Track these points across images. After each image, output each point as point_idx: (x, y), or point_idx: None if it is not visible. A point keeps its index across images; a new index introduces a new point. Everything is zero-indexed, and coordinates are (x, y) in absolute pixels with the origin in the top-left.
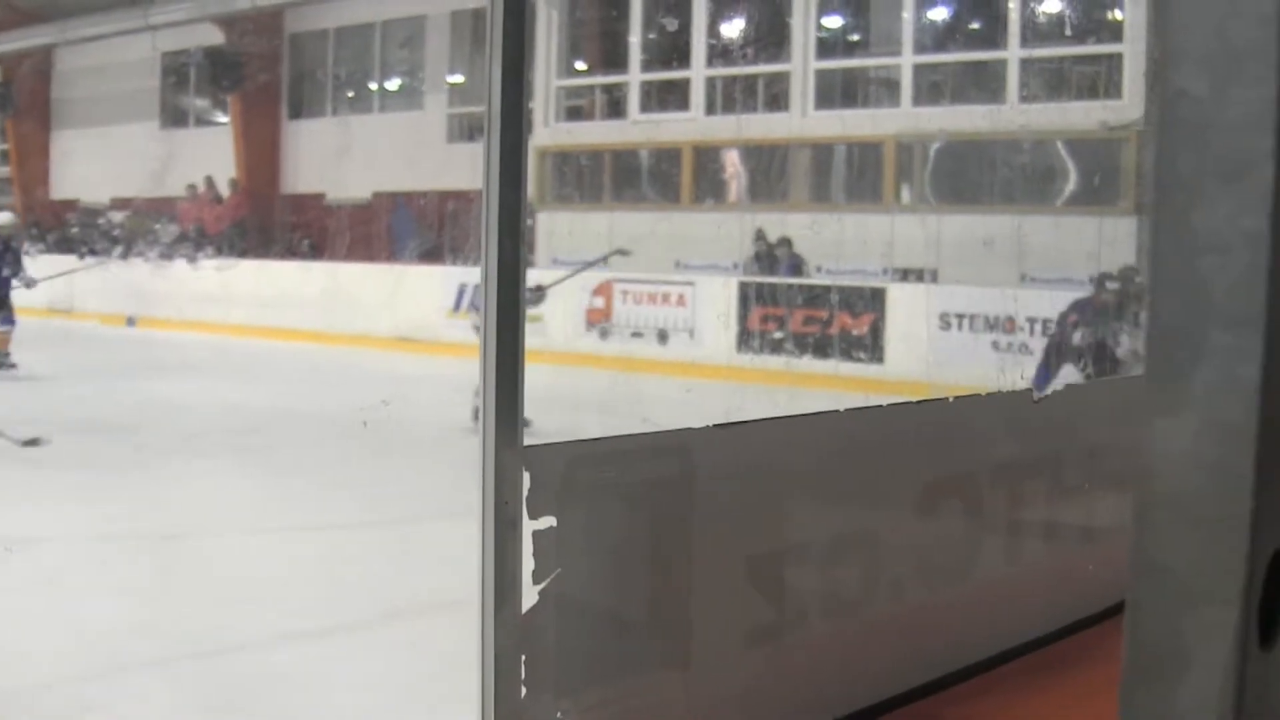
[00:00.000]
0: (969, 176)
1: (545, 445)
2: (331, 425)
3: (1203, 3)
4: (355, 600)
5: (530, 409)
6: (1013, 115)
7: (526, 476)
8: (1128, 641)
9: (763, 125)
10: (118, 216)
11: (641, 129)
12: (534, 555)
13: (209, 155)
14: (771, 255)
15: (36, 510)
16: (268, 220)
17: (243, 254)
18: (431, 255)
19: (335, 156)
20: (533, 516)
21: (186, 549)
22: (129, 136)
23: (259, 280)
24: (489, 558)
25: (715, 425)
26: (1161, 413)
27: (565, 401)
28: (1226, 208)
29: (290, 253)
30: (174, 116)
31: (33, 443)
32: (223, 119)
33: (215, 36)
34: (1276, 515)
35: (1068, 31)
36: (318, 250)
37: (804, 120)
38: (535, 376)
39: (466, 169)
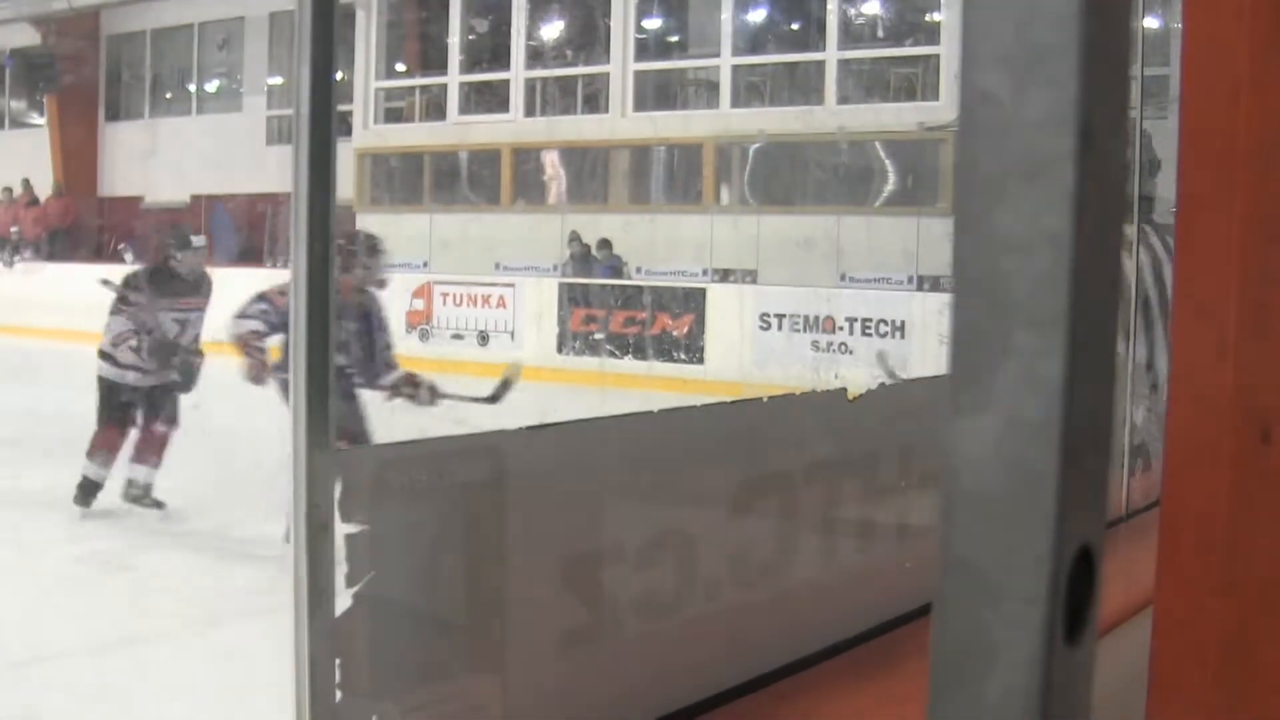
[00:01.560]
0: (788, 177)
1: (357, 448)
2: None
3: (1002, 3)
4: (166, 607)
5: None
6: (831, 117)
7: (338, 480)
8: (935, 639)
9: (582, 127)
10: None
11: (461, 130)
12: (347, 559)
13: (24, 157)
14: (589, 257)
15: None
16: (84, 224)
17: (49, 257)
18: (250, 258)
19: (152, 159)
20: (345, 520)
21: None
22: None
23: (67, 284)
24: (301, 562)
25: (529, 427)
26: (965, 412)
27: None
28: (1028, 207)
29: (99, 255)
30: None
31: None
32: (38, 121)
33: (31, 37)
34: (1080, 512)
35: (883, 34)
36: (135, 254)
37: (623, 122)
38: None
39: (285, 171)
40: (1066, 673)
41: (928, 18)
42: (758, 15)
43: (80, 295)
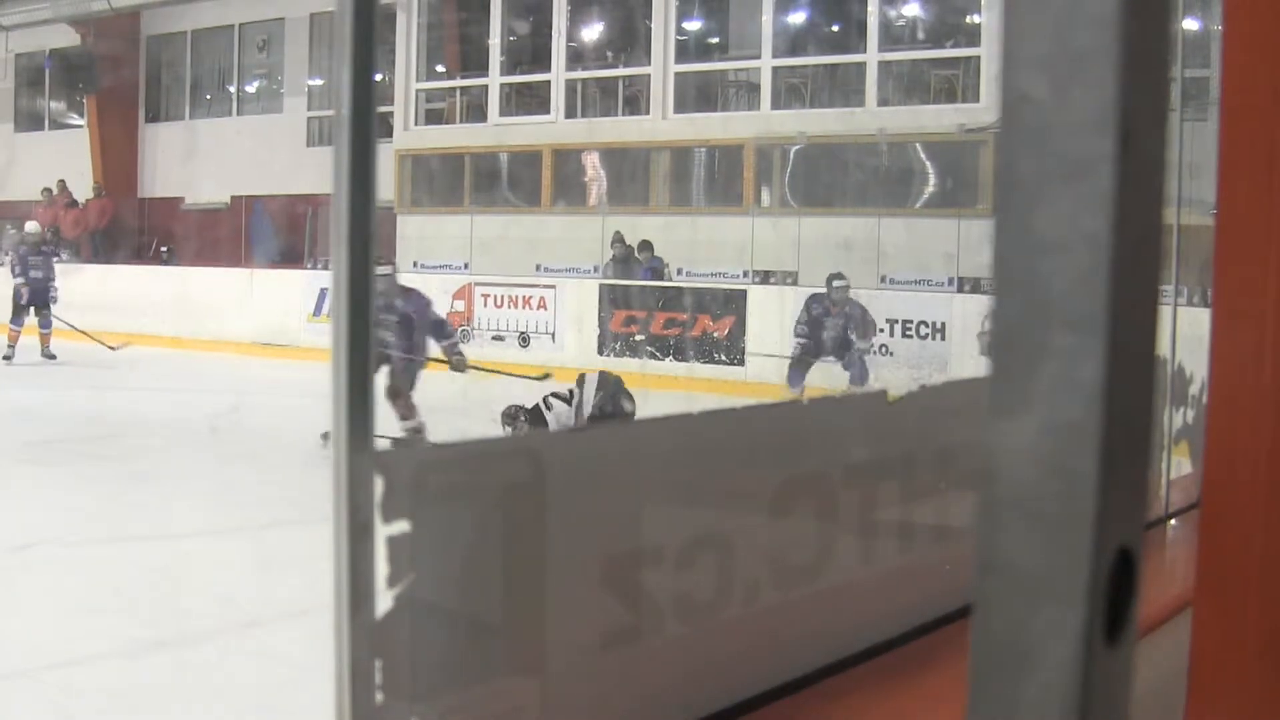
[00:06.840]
0: (828, 179)
1: (398, 449)
2: (184, 432)
3: (1042, 5)
4: (206, 609)
5: (385, 411)
6: (872, 118)
7: (379, 481)
8: (974, 640)
9: (623, 128)
10: None
11: (501, 132)
12: (388, 560)
13: (64, 159)
14: (631, 258)
15: None
16: (124, 224)
17: (88, 259)
18: (291, 259)
19: (193, 160)
20: (386, 521)
21: (29, 559)
22: None
23: (107, 285)
24: (342, 564)
25: (569, 428)
26: (1004, 413)
27: (420, 405)
28: (1066, 208)
29: (139, 257)
30: (28, 119)
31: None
32: (78, 122)
33: (71, 38)
34: (1120, 514)
35: (924, 36)
36: (175, 255)
37: (663, 123)
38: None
39: (325, 172)
40: (1106, 674)
41: (968, 19)
42: (798, 17)
43: (118, 296)
